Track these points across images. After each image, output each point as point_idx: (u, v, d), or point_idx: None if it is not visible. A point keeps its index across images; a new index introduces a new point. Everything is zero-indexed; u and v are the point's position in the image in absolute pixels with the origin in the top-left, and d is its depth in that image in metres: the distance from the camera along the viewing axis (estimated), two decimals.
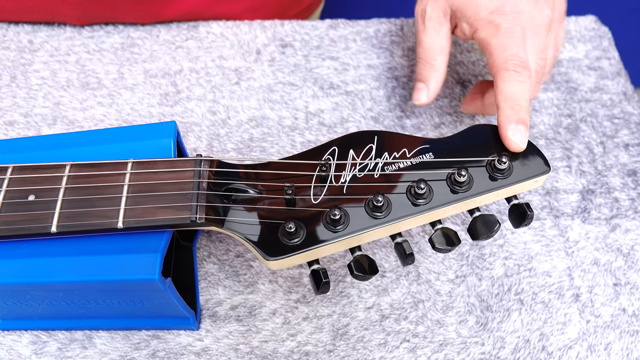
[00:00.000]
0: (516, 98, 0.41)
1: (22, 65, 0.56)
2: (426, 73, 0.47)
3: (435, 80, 0.47)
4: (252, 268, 0.46)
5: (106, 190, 0.36)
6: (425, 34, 0.47)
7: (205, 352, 0.42)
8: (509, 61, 0.42)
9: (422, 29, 0.47)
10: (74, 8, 0.57)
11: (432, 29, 0.47)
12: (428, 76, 0.47)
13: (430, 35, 0.47)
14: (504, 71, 0.42)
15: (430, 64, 0.47)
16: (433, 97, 0.47)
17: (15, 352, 0.42)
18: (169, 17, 0.59)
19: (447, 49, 0.47)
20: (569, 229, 0.48)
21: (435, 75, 0.47)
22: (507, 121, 0.39)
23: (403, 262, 0.37)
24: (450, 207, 0.37)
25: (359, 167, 0.38)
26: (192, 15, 0.60)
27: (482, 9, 0.45)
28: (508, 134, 0.39)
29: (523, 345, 0.43)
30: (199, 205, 0.35)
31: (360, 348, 0.43)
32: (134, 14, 0.58)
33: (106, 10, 0.58)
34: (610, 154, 0.52)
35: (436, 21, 0.47)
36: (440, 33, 0.47)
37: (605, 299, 0.45)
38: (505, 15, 0.44)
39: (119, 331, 0.42)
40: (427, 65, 0.47)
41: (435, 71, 0.47)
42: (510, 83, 0.41)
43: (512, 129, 0.39)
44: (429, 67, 0.47)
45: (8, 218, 0.35)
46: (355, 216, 0.36)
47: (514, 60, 0.42)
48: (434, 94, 0.47)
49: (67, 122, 0.53)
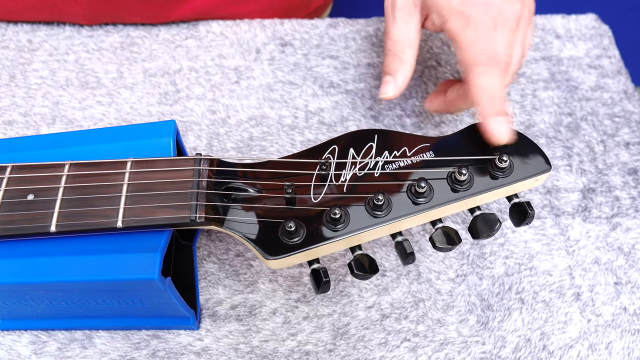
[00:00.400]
0: (492, 91, 0.40)
1: (21, 64, 0.56)
2: (394, 66, 0.45)
3: (403, 74, 0.45)
4: (252, 267, 0.45)
5: (105, 190, 0.36)
6: (394, 25, 0.46)
7: (206, 352, 0.42)
8: (480, 55, 0.42)
9: (391, 20, 0.46)
10: (83, 8, 0.57)
11: (401, 20, 0.46)
12: (395, 69, 0.45)
13: (399, 27, 0.46)
14: (477, 66, 0.41)
15: (399, 56, 0.45)
16: (400, 90, 0.45)
17: (14, 352, 0.41)
18: (177, 17, 0.59)
19: (416, 42, 0.46)
20: (570, 227, 0.48)
21: (403, 68, 0.45)
22: (486, 114, 0.39)
23: (404, 261, 0.37)
24: (451, 206, 0.37)
25: (359, 165, 0.38)
26: (199, 16, 0.60)
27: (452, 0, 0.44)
28: (488, 127, 0.38)
29: (524, 344, 0.43)
30: (198, 204, 0.35)
31: (360, 347, 0.42)
32: (142, 15, 0.58)
33: (115, 11, 0.57)
34: (611, 153, 0.52)
35: (406, 12, 0.46)
36: (410, 25, 0.46)
37: (606, 298, 0.45)
38: (476, 6, 0.43)
39: (119, 331, 0.42)
40: (395, 58, 0.45)
41: (403, 64, 0.45)
42: (484, 77, 0.41)
43: (491, 121, 0.38)
44: (397, 60, 0.45)
45: (7, 217, 0.35)
46: (355, 215, 0.36)
47: (486, 54, 0.41)
48: (401, 87, 0.45)
49: (66, 121, 0.53)
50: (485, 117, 0.39)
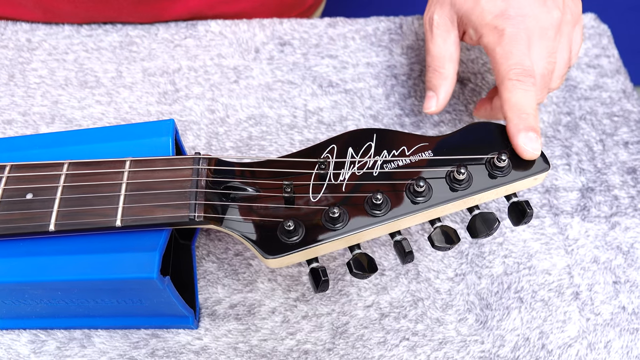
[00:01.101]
0: (522, 106, 0.40)
1: (20, 63, 0.56)
2: (435, 81, 0.46)
3: (445, 89, 0.46)
4: (251, 267, 0.46)
5: (104, 189, 0.36)
6: (433, 42, 0.47)
7: (205, 351, 0.42)
8: (512, 70, 0.42)
9: (430, 37, 0.47)
10: (76, 7, 0.57)
11: (439, 36, 0.47)
12: (437, 84, 0.46)
13: (438, 43, 0.47)
14: (508, 81, 0.41)
15: (439, 72, 0.46)
16: (443, 105, 0.47)
17: (13, 351, 0.41)
18: (170, 17, 0.59)
19: (455, 56, 0.47)
20: (569, 227, 0.48)
21: (444, 83, 0.46)
22: (516, 130, 0.39)
23: (402, 260, 0.37)
24: (450, 205, 0.37)
25: (358, 165, 0.38)
26: (193, 15, 0.60)
27: (486, 14, 0.44)
28: (519, 142, 0.38)
29: (523, 343, 0.43)
30: (197, 203, 0.35)
31: (359, 346, 0.42)
32: (136, 15, 0.58)
33: (108, 11, 0.58)
34: (610, 152, 0.52)
35: (443, 29, 0.47)
36: (448, 40, 0.47)
37: (605, 297, 0.45)
38: (509, 19, 0.43)
39: (118, 330, 0.42)
40: (436, 73, 0.46)
41: (444, 79, 0.46)
42: (515, 92, 0.41)
43: (522, 137, 0.38)
44: (438, 75, 0.46)
45: (6, 217, 0.35)
46: (354, 214, 0.36)
47: (517, 69, 0.41)
48: (443, 102, 0.46)
49: (65, 120, 0.53)
50: (515, 133, 0.39)
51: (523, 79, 0.41)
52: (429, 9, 0.48)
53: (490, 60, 0.44)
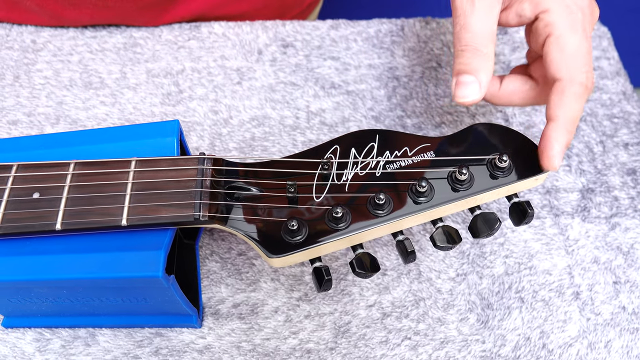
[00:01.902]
0: (574, 120, 0.36)
1: (25, 65, 0.56)
2: (477, 63, 0.38)
3: (486, 73, 0.38)
4: (254, 266, 0.46)
5: (110, 189, 0.36)
6: (474, 15, 0.38)
7: (208, 350, 0.42)
8: (581, 76, 0.36)
9: (469, 10, 0.39)
10: (81, 12, 0.57)
11: (481, 9, 0.38)
12: (479, 67, 0.38)
13: (480, 17, 0.38)
14: (578, 86, 0.36)
15: (481, 51, 0.38)
16: (484, 92, 0.38)
17: (19, 350, 0.42)
18: (172, 20, 0.60)
19: (495, 36, 0.39)
20: (569, 227, 0.48)
21: (486, 66, 0.38)
22: (556, 141, 0.36)
23: (405, 259, 0.37)
24: (451, 205, 0.38)
25: (360, 165, 0.38)
26: (194, 17, 0.61)
27: None
28: (551, 152, 0.36)
29: (524, 342, 0.43)
30: (202, 203, 0.36)
31: (361, 346, 0.43)
32: (140, 19, 0.59)
33: (112, 16, 0.58)
34: (610, 153, 0.52)
35: (487, 1, 0.39)
36: (491, 15, 0.39)
37: (605, 297, 0.45)
38: (582, 9, 0.37)
39: (122, 329, 0.43)
40: (477, 53, 0.38)
41: (486, 61, 0.38)
42: (578, 102, 0.36)
43: (557, 151, 0.36)
44: (479, 55, 0.38)
45: (13, 216, 0.35)
46: (357, 214, 0.37)
47: (590, 76, 0.36)
48: (486, 88, 0.38)
49: (70, 121, 0.53)
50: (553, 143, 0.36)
51: (589, 90, 0.36)
52: None
53: (549, 43, 0.36)
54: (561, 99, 0.37)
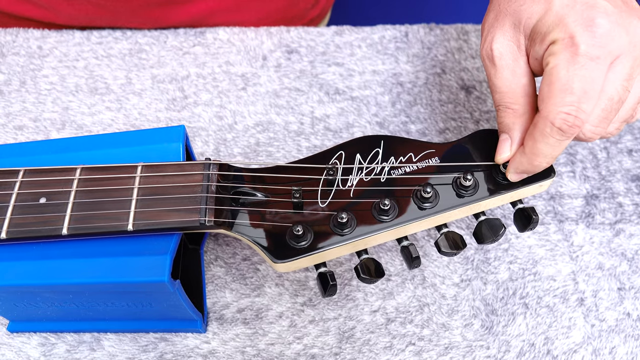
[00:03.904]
0: (540, 155, 0.37)
1: (31, 70, 0.57)
2: (508, 120, 0.39)
3: (520, 128, 0.38)
4: (259, 271, 0.46)
5: (116, 193, 0.36)
6: (499, 76, 0.39)
7: (213, 355, 0.42)
8: (563, 116, 0.34)
9: (493, 72, 0.39)
10: (75, 9, 0.58)
11: (505, 68, 0.38)
12: (510, 124, 0.38)
13: (506, 77, 0.38)
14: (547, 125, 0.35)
15: (512, 109, 0.38)
16: (518, 147, 0.38)
17: (24, 354, 0.42)
18: (172, 23, 0.60)
19: (530, 88, 0.38)
20: (574, 233, 0.48)
21: (518, 121, 0.38)
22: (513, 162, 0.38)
23: (409, 265, 0.37)
24: (456, 211, 0.38)
25: (365, 171, 0.39)
26: (194, 23, 0.61)
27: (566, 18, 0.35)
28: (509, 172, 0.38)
29: (528, 349, 0.43)
30: (208, 208, 0.36)
31: (366, 351, 0.43)
32: (135, 21, 0.59)
33: (106, 15, 0.59)
34: (614, 160, 0.52)
35: (509, 57, 0.38)
36: (517, 70, 0.38)
37: (609, 303, 0.45)
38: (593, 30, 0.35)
39: (127, 333, 0.43)
40: (508, 111, 0.38)
41: (518, 117, 0.38)
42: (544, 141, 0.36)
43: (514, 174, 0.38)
44: (510, 113, 0.38)
45: (20, 220, 0.35)
46: (362, 220, 0.37)
47: (568, 117, 0.34)
48: (519, 143, 0.38)
49: (75, 126, 0.53)
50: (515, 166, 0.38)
51: (567, 130, 0.35)
52: (485, 40, 0.40)
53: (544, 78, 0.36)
54: (531, 132, 0.36)
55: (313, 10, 0.72)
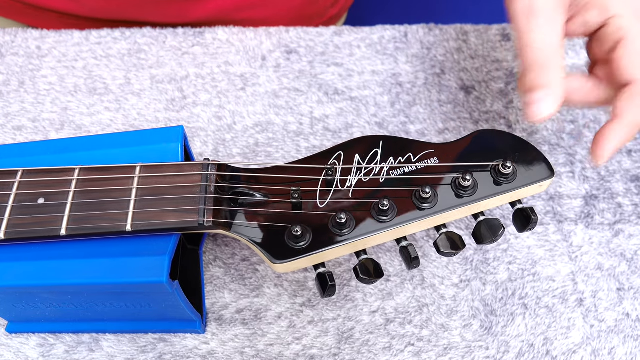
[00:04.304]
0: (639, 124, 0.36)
1: (30, 70, 0.57)
2: (546, 78, 0.36)
3: (559, 85, 0.36)
4: (258, 272, 0.46)
5: (115, 194, 0.36)
6: (538, 29, 0.36)
7: (211, 355, 0.42)
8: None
9: (531, 23, 0.36)
10: (100, 1, 0.57)
11: (546, 21, 0.36)
12: (549, 81, 0.36)
13: (545, 31, 0.36)
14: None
15: (550, 65, 0.36)
16: (561, 104, 0.36)
17: (22, 355, 0.42)
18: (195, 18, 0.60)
19: (562, 49, 0.37)
20: (573, 234, 0.48)
21: (558, 77, 0.36)
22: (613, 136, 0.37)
23: (408, 265, 0.37)
24: (455, 211, 0.38)
25: (364, 171, 0.38)
26: (217, 17, 0.61)
27: None
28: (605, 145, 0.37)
29: (527, 349, 0.43)
30: (206, 208, 0.36)
31: (365, 352, 0.43)
32: (161, 13, 0.59)
33: (132, 9, 0.58)
34: (614, 160, 0.52)
35: (550, 12, 0.36)
36: (556, 26, 0.36)
37: (609, 304, 0.45)
38: None
39: (126, 334, 0.43)
40: (545, 69, 0.36)
41: (558, 73, 0.36)
42: None
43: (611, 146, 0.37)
44: (548, 70, 0.36)
45: (18, 221, 0.35)
46: (361, 220, 0.37)
47: None
48: (561, 99, 0.36)
49: (74, 127, 0.53)
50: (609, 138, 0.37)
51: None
52: None
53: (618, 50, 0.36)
54: (633, 100, 0.36)
55: (332, 9, 0.72)
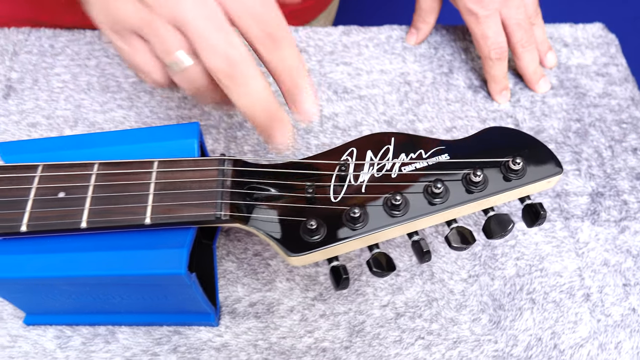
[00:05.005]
0: (500, 77, 0.56)
1: (43, 68, 0.58)
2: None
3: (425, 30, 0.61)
4: (270, 267, 0.47)
5: (133, 188, 0.37)
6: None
7: (225, 348, 0.43)
8: (492, 51, 0.55)
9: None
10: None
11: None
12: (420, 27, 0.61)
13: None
14: (489, 60, 0.55)
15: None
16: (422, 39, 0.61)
17: (40, 346, 0.43)
18: None
19: None
20: (579, 230, 0.49)
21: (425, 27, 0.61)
22: (496, 92, 0.57)
23: (420, 259, 0.38)
24: (466, 206, 0.38)
25: (377, 167, 0.39)
26: None
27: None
28: (497, 99, 0.57)
29: (535, 343, 0.44)
30: (223, 202, 0.37)
31: (376, 345, 0.44)
32: None
33: None
34: (619, 158, 0.53)
35: None
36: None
37: (615, 299, 0.46)
38: (481, 3, 0.54)
39: (141, 327, 0.43)
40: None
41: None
42: (495, 69, 0.56)
43: (499, 97, 0.57)
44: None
45: (39, 214, 0.36)
46: (374, 214, 0.37)
47: (496, 50, 0.55)
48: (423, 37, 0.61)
49: (88, 124, 0.54)
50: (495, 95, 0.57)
51: (500, 56, 0.55)
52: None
53: (471, 33, 0.56)
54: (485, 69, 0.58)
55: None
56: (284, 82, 0.37)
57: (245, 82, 0.35)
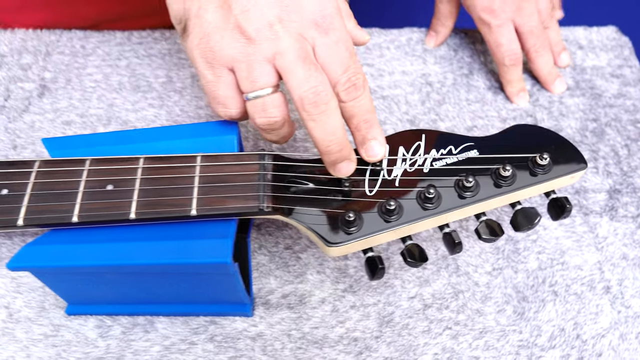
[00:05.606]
0: (515, 81, 0.58)
1: (76, 69, 0.59)
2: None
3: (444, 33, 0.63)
4: (301, 259, 0.48)
5: (179, 181, 0.39)
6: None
7: (260, 337, 0.45)
8: (505, 58, 0.57)
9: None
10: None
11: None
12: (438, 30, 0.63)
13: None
14: (503, 67, 0.58)
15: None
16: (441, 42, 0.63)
17: (82, 335, 0.44)
18: None
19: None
20: (598, 225, 0.51)
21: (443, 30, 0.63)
22: (514, 95, 0.58)
23: (451, 250, 0.39)
24: (494, 200, 0.40)
25: (409, 162, 0.41)
26: None
27: (477, 7, 0.57)
28: (515, 101, 0.58)
29: (558, 333, 0.45)
30: (265, 195, 0.38)
31: (405, 334, 0.45)
32: None
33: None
34: (635, 156, 0.55)
35: None
36: None
37: (634, 291, 0.47)
38: (493, 13, 0.56)
39: (179, 317, 0.45)
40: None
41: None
42: (510, 74, 0.58)
43: (517, 99, 0.58)
44: None
45: (89, 206, 0.38)
46: (407, 207, 0.39)
47: (510, 57, 0.57)
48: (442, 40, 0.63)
49: (120, 122, 0.56)
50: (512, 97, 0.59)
51: (515, 62, 0.57)
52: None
53: (486, 42, 0.59)
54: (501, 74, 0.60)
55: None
56: (358, 127, 0.40)
57: (328, 113, 0.37)
